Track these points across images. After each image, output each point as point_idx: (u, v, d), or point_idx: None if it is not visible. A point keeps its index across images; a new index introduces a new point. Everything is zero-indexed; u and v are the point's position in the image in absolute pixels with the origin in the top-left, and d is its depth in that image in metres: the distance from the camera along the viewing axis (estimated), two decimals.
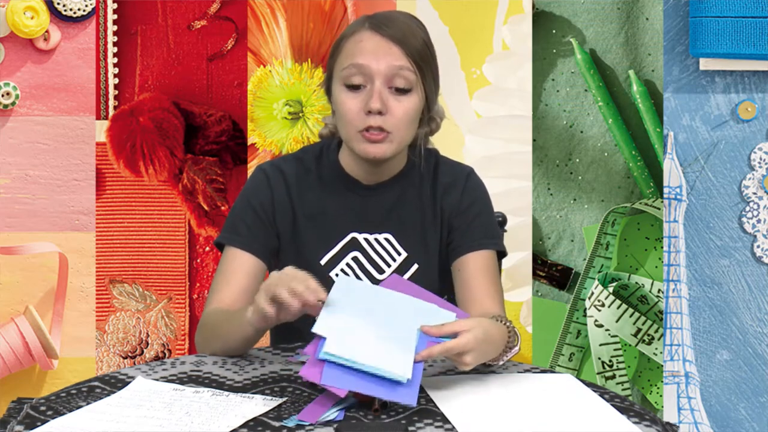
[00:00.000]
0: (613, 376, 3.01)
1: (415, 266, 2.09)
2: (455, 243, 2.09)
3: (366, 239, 2.09)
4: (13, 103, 2.96)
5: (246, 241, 2.07)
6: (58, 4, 2.95)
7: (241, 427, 1.58)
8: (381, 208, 2.10)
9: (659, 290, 2.99)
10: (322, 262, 2.08)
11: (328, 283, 2.07)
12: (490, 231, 2.12)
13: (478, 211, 2.11)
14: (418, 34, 2.03)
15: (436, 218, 2.11)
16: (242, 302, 2.03)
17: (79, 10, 2.96)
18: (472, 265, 2.07)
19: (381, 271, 2.08)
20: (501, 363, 1.85)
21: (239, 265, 2.06)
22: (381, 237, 2.10)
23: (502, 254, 2.14)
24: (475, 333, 1.74)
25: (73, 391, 1.72)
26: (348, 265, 2.08)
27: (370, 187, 2.10)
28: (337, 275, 2.07)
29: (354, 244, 2.09)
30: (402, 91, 2.00)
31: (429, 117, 2.10)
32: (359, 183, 2.10)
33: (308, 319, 2.11)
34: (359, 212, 2.09)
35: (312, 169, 2.12)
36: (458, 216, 2.10)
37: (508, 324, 1.88)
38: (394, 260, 2.09)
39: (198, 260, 3.04)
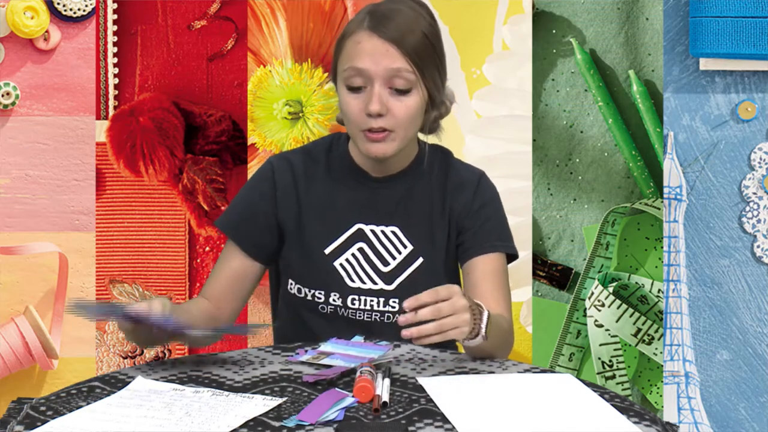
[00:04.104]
0: (613, 376, 3.01)
1: (420, 260, 2.09)
2: (466, 245, 2.10)
3: (372, 231, 2.10)
4: (13, 103, 2.96)
5: (238, 235, 2.12)
6: (58, 4, 2.95)
7: (241, 427, 1.58)
8: (389, 200, 2.11)
9: (659, 290, 2.99)
10: (327, 251, 2.09)
11: (332, 273, 2.08)
12: (501, 234, 2.13)
13: (489, 213, 2.12)
14: (417, 27, 2.02)
15: (444, 215, 2.11)
16: (224, 298, 2.11)
17: (79, 10, 2.96)
18: (480, 269, 2.08)
19: (386, 263, 2.09)
20: (478, 341, 1.86)
21: (227, 259, 2.13)
22: (387, 229, 2.10)
23: (513, 257, 2.14)
24: (451, 288, 1.80)
25: (73, 391, 1.72)
26: (353, 255, 2.09)
27: (378, 180, 2.11)
28: (341, 265, 2.08)
29: (360, 236, 2.10)
30: (402, 92, 2.01)
31: (439, 102, 2.09)
32: (368, 175, 2.11)
33: (309, 319, 2.11)
34: (366, 204, 2.10)
35: (321, 160, 2.14)
36: (469, 217, 2.10)
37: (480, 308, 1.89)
38: (400, 253, 2.09)
39: (198, 260, 3.04)
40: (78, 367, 3.01)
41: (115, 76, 3.00)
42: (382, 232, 2.10)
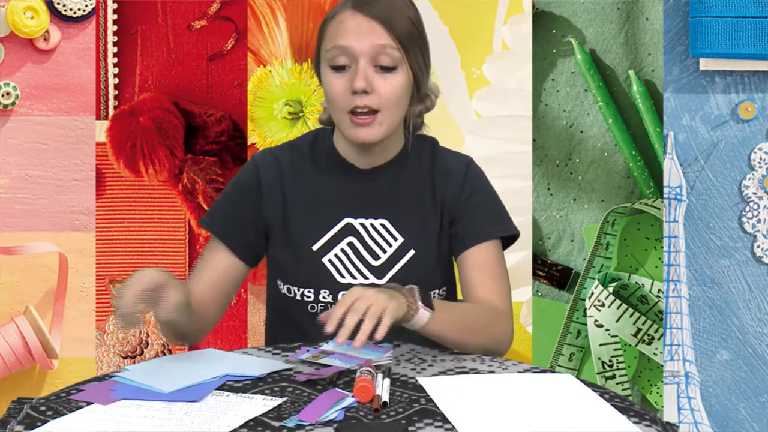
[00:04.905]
0: (613, 376, 3.01)
1: (412, 252, 2.06)
2: (458, 237, 2.07)
3: (362, 224, 2.06)
4: (13, 103, 2.96)
5: (224, 233, 2.08)
6: (58, 4, 2.95)
7: (241, 427, 1.58)
8: (377, 192, 2.08)
9: (659, 290, 2.99)
10: (314, 247, 2.05)
11: (321, 270, 2.05)
12: (494, 218, 2.10)
13: (479, 201, 2.09)
14: (402, 11, 2.01)
15: (435, 206, 2.08)
16: (211, 299, 2.06)
17: (79, 10, 2.96)
18: (471, 261, 2.06)
19: (377, 258, 2.06)
20: (420, 314, 1.87)
21: (212, 258, 2.09)
22: (376, 222, 2.07)
23: (514, 237, 2.13)
24: (351, 291, 1.80)
25: (73, 391, 1.72)
26: (343, 250, 2.05)
27: (365, 172, 2.08)
28: (330, 261, 2.06)
29: (349, 230, 2.06)
30: (387, 69, 1.99)
31: (422, 94, 2.08)
32: (354, 167, 2.08)
33: (306, 316, 2.10)
34: (354, 197, 2.07)
35: (306, 154, 2.10)
36: (459, 206, 2.08)
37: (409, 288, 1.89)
38: (390, 246, 2.06)
39: (198, 260, 3.04)
40: (78, 367, 3.01)
41: (115, 76, 3.01)
42: (371, 225, 2.07)
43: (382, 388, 1.69)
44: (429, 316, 1.87)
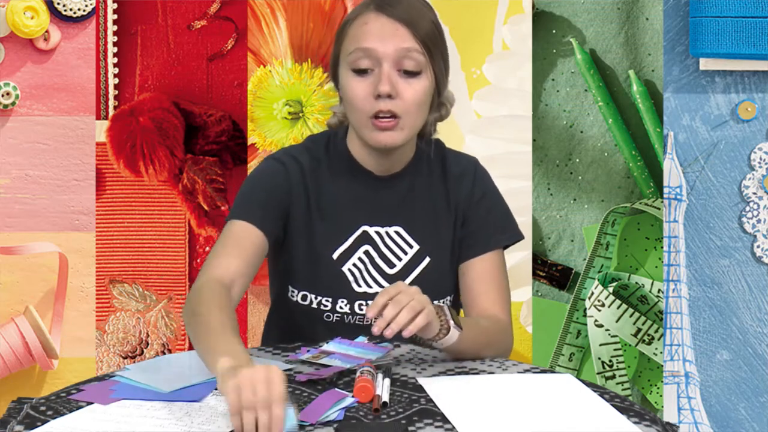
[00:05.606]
0: (613, 376, 3.01)
1: (427, 259, 2.05)
2: (466, 243, 2.06)
3: (377, 232, 2.04)
4: (13, 103, 2.96)
5: (260, 216, 1.98)
6: (58, 4, 2.95)
7: None
8: (391, 200, 2.05)
9: (659, 290, 2.99)
10: (334, 256, 2.03)
11: (340, 279, 2.03)
12: (503, 223, 2.09)
13: (489, 204, 2.08)
14: (425, 14, 1.98)
15: (450, 210, 2.06)
16: (242, 278, 1.92)
17: (79, 10, 2.96)
18: (476, 270, 2.04)
19: (392, 266, 2.04)
20: (441, 339, 1.83)
21: (247, 238, 1.96)
22: (391, 230, 2.05)
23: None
24: (396, 283, 1.78)
25: (73, 391, 1.72)
26: (360, 259, 2.03)
27: (380, 179, 2.05)
28: (349, 270, 2.05)
29: (365, 238, 2.04)
30: (411, 74, 1.94)
31: (439, 102, 2.04)
32: (370, 174, 2.04)
33: (321, 324, 2.08)
34: (370, 204, 2.04)
35: (323, 159, 2.06)
36: (472, 207, 2.06)
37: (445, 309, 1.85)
38: (406, 254, 2.04)
39: (198, 260, 3.04)
40: (78, 367, 3.01)
41: (115, 76, 3.01)
42: (386, 233, 2.04)
43: (382, 388, 1.69)
44: (459, 335, 1.84)
